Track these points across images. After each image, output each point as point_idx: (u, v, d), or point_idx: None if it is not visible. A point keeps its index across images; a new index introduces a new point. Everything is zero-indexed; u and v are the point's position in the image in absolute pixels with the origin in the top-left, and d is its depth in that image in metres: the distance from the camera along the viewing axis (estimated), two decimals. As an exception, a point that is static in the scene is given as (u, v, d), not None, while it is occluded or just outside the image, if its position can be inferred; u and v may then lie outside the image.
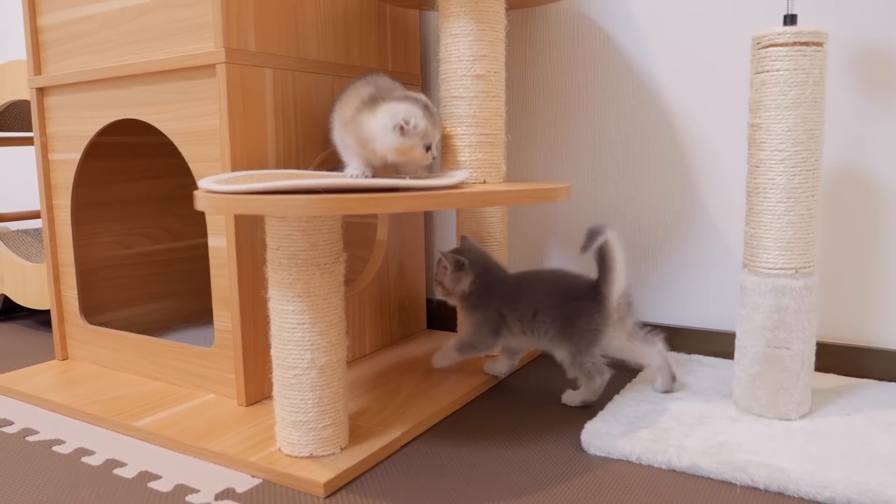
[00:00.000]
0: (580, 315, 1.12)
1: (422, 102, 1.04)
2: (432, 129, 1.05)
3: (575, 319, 1.12)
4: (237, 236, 1.11)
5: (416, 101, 1.04)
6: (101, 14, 1.24)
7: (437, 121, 1.07)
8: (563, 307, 1.13)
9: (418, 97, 1.05)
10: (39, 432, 1.10)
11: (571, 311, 1.12)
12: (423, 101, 1.05)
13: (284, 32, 1.17)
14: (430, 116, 1.04)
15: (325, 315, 0.93)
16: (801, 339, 1.03)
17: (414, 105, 1.03)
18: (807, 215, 1.01)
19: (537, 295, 1.16)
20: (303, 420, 0.94)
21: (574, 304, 1.13)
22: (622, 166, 1.40)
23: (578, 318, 1.12)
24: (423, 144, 1.04)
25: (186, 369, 1.23)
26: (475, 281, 1.19)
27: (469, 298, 1.20)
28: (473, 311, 1.20)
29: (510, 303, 1.17)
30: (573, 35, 1.41)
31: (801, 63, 0.98)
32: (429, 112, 1.04)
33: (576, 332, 1.12)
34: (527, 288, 1.17)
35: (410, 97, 1.04)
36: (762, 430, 1.00)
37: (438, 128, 1.07)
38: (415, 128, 1.02)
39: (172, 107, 1.16)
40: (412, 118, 1.02)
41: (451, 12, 1.13)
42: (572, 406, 1.16)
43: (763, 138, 1.01)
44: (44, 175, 1.39)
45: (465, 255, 1.19)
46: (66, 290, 1.41)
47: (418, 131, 1.02)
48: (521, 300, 1.16)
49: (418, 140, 1.03)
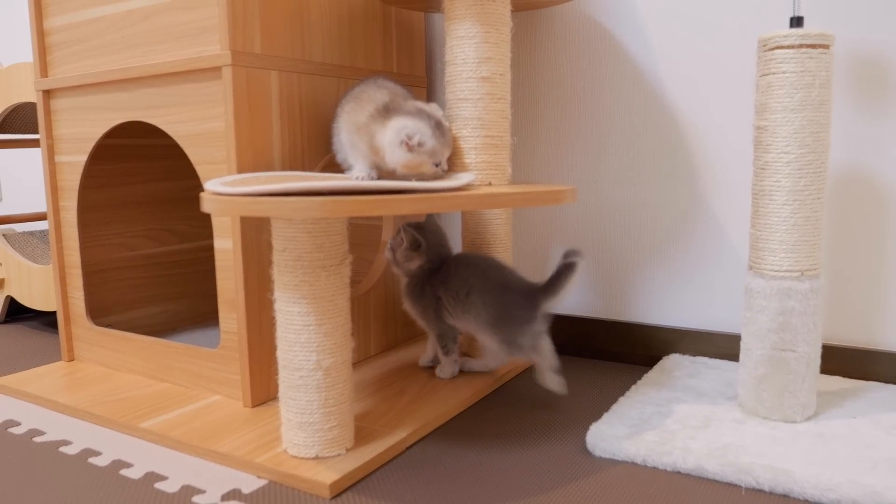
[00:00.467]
0: (517, 306, 1.15)
1: (433, 119, 1.04)
2: (441, 147, 1.05)
3: (512, 308, 1.15)
4: (243, 238, 1.11)
5: (428, 116, 1.04)
6: (107, 17, 1.24)
7: (448, 137, 1.07)
8: (500, 295, 1.16)
9: (431, 112, 1.05)
10: (46, 433, 1.11)
11: (508, 301, 1.16)
12: (435, 118, 1.05)
13: (290, 35, 1.17)
14: (440, 133, 1.04)
15: (331, 317, 0.93)
16: (807, 342, 1.02)
17: (424, 122, 1.03)
18: (813, 218, 1.01)
19: (471, 277, 1.18)
20: (308, 421, 0.94)
21: (510, 295, 1.16)
22: (627, 168, 1.40)
23: (516, 308, 1.15)
24: (431, 162, 1.05)
25: (192, 371, 1.23)
26: (423, 265, 1.22)
27: (413, 279, 1.24)
28: (415, 300, 1.24)
29: (444, 283, 1.20)
30: (578, 37, 1.42)
31: (808, 65, 0.98)
32: (440, 129, 1.05)
33: (511, 321, 1.15)
34: (462, 270, 1.20)
35: (423, 112, 1.04)
36: (767, 432, 1.00)
37: (448, 144, 1.08)
38: (421, 145, 1.02)
39: (178, 109, 1.16)
40: (420, 135, 1.02)
41: (457, 15, 1.14)
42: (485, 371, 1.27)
43: (769, 140, 1.01)
44: (50, 177, 1.39)
45: (425, 235, 1.22)
46: (73, 292, 1.41)
47: (426, 149, 1.03)
48: (455, 280, 1.19)
49: (427, 157, 1.04)
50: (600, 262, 1.45)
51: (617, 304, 1.44)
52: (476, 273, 1.18)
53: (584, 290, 1.48)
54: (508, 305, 1.15)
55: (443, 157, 1.06)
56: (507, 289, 1.16)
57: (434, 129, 1.04)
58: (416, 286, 1.24)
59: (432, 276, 1.22)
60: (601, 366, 1.39)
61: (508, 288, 1.16)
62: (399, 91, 1.09)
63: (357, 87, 1.12)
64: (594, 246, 1.45)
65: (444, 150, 1.07)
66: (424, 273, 1.23)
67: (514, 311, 1.15)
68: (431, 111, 1.06)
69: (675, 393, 1.16)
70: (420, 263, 1.22)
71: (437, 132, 1.04)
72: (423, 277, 1.23)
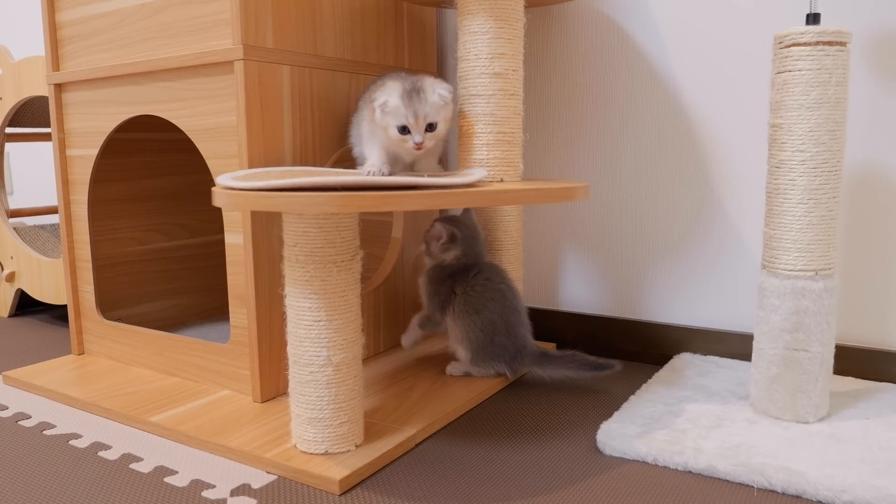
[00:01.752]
0: (503, 350, 1.21)
1: (411, 84, 1.00)
2: (406, 110, 1.00)
3: (499, 349, 1.20)
4: (254, 233, 1.11)
5: (407, 81, 1.01)
6: (119, 10, 1.24)
7: (422, 105, 1.01)
8: (497, 332, 1.20)
9: (417, 79, 1.02)
10: (56, 426, 1.11)
11: (501, 342, 1.20)
12: (416, 84, 1.01)
13: (302, 29, 1.17)
14: (408, 97, 1.00)
15: (342, 312, 0.93)
16: (821, 342, 1.02)
17: (397, 84, 1.00)
18: (828, 217, 1.00)
19: (490, 302, 1.20)
20: (318, 417, 0.94)
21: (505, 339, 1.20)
22: (640, 165, 1.39)
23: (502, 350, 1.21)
24: (394, 124, 1.01)
25: (202, 365, 1.23)
26: (458, 257, 1.23)
27: (444, 269, 1.24)
28: (433, 284, 1.25)
29: (466, 288, 1.21)
30: (591, 33, 1.41)
31: (824, 63, 0.97)
32: (414, 94, 1.00)
33: (489, 356, 1.21)
34: (488, 290, 1.20)
35: (407, 78, 1.02)
36: (780, 432, 0.99)
37: (420, 113, 1.01)
38: (384, 105, 1.00)
39: (190, 103, 1.16)
40: (384, 95, 0.99)
41: (470, 10, 1.13)
42: (457, 375, 1.26)
43: (784, 139, 1.00)
44: (61, 171, 1.39)
45: (460, 228, 1.22)
46: (83, 286, 1.42)
47: (388, 109, 1.00)
48: (476, 293, 1.20)
49: (391, 119, 1.00)
50: (611, 260, 1.44)
51: (628, 302, 1.44)
52: (496, 300, 1.20)
53: (595, 289, 1.47)
54: (497, 345, 1.20)
55: (410, 122, 1.01)
56: (508, 333, 1.20)
57: (404, 91, 1.00)
58: (442, 272, 1.24)
59: (459, 273, 1.22)
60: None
61: (509, 332, 1.20)
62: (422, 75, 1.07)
63: (381, 79, 1.11)
64: (605, 243, 1.45)
65: (411, 116, 1.00)
66: (455, 265, 1.23)
67: (496, 353, 1.21)
68: (422, 81, 1.02)
69: (686, 392, 1.15)
70: (456, 254, 1.23)
71: (407, 95, 1.00)
72: (451, 268, 1.23)
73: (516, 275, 1.34)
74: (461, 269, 1.23)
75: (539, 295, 1.54)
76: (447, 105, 1.04)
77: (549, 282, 1.52)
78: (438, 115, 1.03)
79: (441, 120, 1.04)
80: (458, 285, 1.21)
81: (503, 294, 1.21)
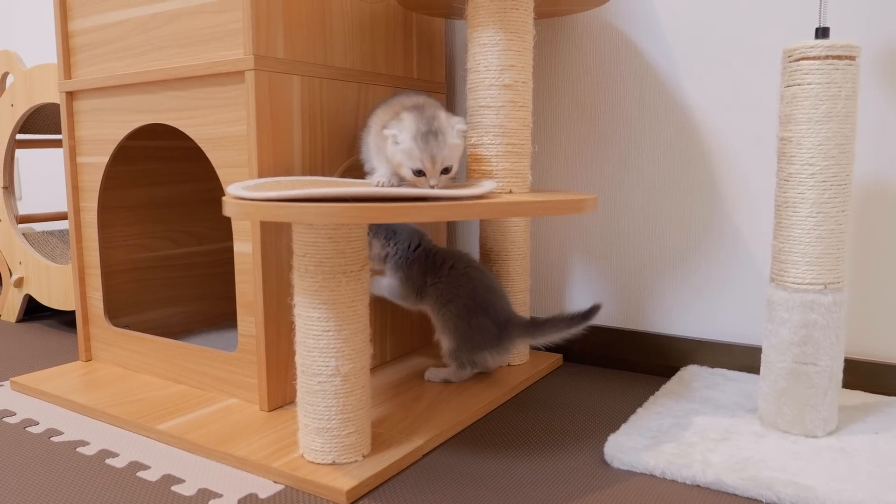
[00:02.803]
0: (484, 331, 1.21)
1: (429, 124, 0.96)
2: (422, 154, 0.95)
3: (477, 332, 1.21)
4: (263, 242, 1.11)
5: (425, 120, 0.96)
6: (131, 19, 1.25)
7: (439, 150, 0.95)
8: (476, 316, 1.21)
9: (436, 119, 0.97)
10: (64, 433, 1.11)
11: (479, 323, 1.21)
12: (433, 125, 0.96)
13: (312, 40, 1.18)
14: (425, 141, 0.95)
15: (351, 322, 0.93)
16: (829, 356, 1.01)
17: (414, 121, 0.96)
18: (837, 230, 1.00)
19: (460, 288, 1.21)
20: (326, 427, 0.94)
21: (483, 319, 1.20)
22: (647, 178, 1.39)
23: (482, 332, 1.21)
24: (409, 166, 0.96)
25: (209, 373, 1.23)
26: (403, 245, 1.26)
27: (406, 262, 1.26)
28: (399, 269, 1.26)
29: (435, 277, 1.23)
30: (599, 45, 1.41)
31: (834, 77, 0.97)
32: (431, 137, 0.95)
33: (471, 343, 1.21)
34: (457, 277, 1.22)
35: (424, 115, 0.97)
36: (788, 446, 0.99)
37: (437, 157, 0.95)
38: (396, 143, 0.97)
39: (201, 112, 1.17)
40: (400, 132, 0.96)
41: (480, 22, 1.13)
42: (435, 382, 1.27)
43: (793, 152, 1.00)
44: (71, 178, 1.40)
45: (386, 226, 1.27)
46: (91, 292, 1.42)
47: (400, 148, 0.96)
48: (445, 281, 1.22)
49: (404, 158, 0.96)
50: (619, 272, 1.44)
51: (635, 313, 1.44)
52: (463, 285, 1.22)
53: (602, 300, 1.47)
54: (476, 328, 1.21)
55: (427, 166, 0.95)
56: (485, 311, 1.21)
57: (419, 133, 0.95)
58: (405, 264, 1.26)
59: (427, 266, 1.25)
60: (618, 375, 1.38)
61: (486, 311, 1.21)
62: (434, 102, 1.06)
63: (393, 99, 1.11)
64: (613, 254, 1.45)
65: (428, 161, 0.95)
66: (413, 252, 1.26)
67: (478, 336, 1.21)
68: (439, 119, 0.97)
69: (693, 405, 1.15)
70: (397, 245, 1.25)
71: (423, 138, 0.95)
72: (411, 260, 1.25)
73: (523, 285, 1.34)
74: (426, 262, 1.25)
75: (547, 305, 1.54)
76: (462, 143, 1.00)
77: (557, 292, 1.52)
78: (454, 156, 0.98)
79: (456, 161, 0.99)
80: (428, 277, 1.24)
81: (469, 276, 1.22)
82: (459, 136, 0.99)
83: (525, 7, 1.13)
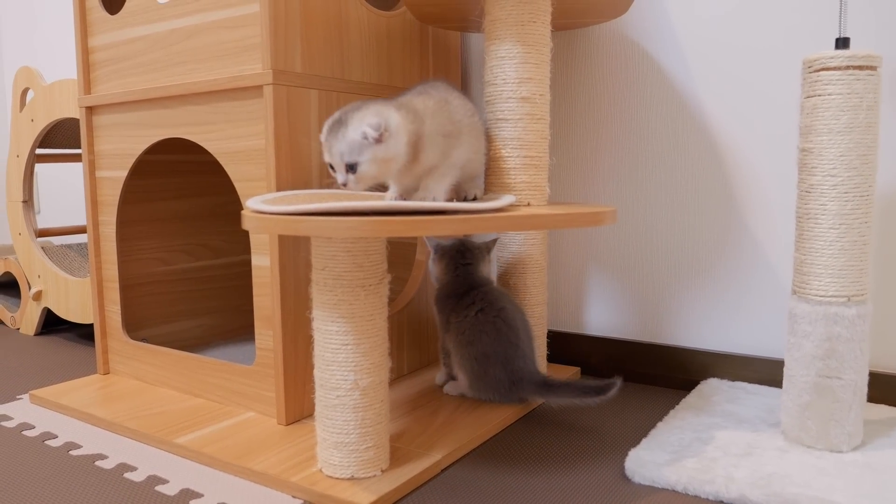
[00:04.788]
0: (498, 383, 1.19)
1: (350, 108, 0.90)
2: (324, 144, 0.90)
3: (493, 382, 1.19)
4: (281, 256, 1.11)
5: (350, 108, 0.91)
6: (150, 35, 1.26)
7: (338, 139, 0.89)
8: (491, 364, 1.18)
9: (359, 105, 0.91)
10: (83, 446, 1.12)
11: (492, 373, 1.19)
12: (349, 110, 0.90)
13: (329, 54, 1.18)
14: (330, 128, 0.90)
15: (369, 336, 0.93)
16: (854, 369, 1.00)
17: (346, 106, 0.92)
18: (860, 242, 0.99)
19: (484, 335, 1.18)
20: (344, 441, 0.93)
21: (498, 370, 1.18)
22: (665, 189, 1.38)
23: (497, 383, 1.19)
24: (325, 159, 0.91)
25: (227, 387, 1.23)
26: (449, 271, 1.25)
27: (443, 289, 1.25)
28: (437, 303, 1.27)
29: (458, 316, 1.21)
30: (616, 56, 1.41)
31: (855, 87, 0.96)
32: (335, 122, 0.90)
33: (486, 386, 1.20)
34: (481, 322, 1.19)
35: (370, 105, 0.91)
36: (813, 462, 0.97)
37: (337, 147, 0.89)
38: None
39: (219, 126, 1.17)
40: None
41: (497, 35, 1.13)
42: (453, 395, 1.27)
43: (814, 163, 0.99)
44: (91, 192, 1.41)
45: (456, 247, 1.25)
46: (110, 306, 1.43)
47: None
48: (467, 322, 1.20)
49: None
50: (637, 284, 1.43)
51: (654, 326, 1.42)
52: (489, 333, 1.18)
53: (621, 312, 1.46)
54: (490, 377, 1.19)
55: (327, 158, 0.90)
56: (503, 366, 1.18)
57: (331, 122, 0.90)
58: (441, 292, 1.26)
59: (456, 297, 1.23)
60: (637, 389, 1.37)
61: (504, 366, 1.18)
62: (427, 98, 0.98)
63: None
64: (631, 266, 1.44)
65: (327, 153, 0.90)
66: (452, 284, 1.24)
67: (492, 385, 1.20)
68: (359, 112, 0.89)
69: (714, 419, 1.14)
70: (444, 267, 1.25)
71: (329, 127, 0.90)
72: (448, 289, 1.24)
73: (540, 298, 1.34)
74: (459, 293, 1.23)
75: (564, 318, 1.53)
76: (378, 145, 0.88)
77: (575, 305, 1.51)
78: (361, 155, 0.88)
79: (365, 161, 0.88)
80: (453, 313, 1.22)
81: (497, 327, 1.18)
82: (365, 135, 0.87)
83: (542, 20, 1.13)
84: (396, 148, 0.90)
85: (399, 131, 0.90)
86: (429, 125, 0.94)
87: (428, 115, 0.95)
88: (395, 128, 0.89)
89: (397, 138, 0.90)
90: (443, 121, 0.97)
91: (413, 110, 0.93)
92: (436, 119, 0.95)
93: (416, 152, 0.93)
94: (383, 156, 0.89)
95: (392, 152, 0.90)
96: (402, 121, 0.91)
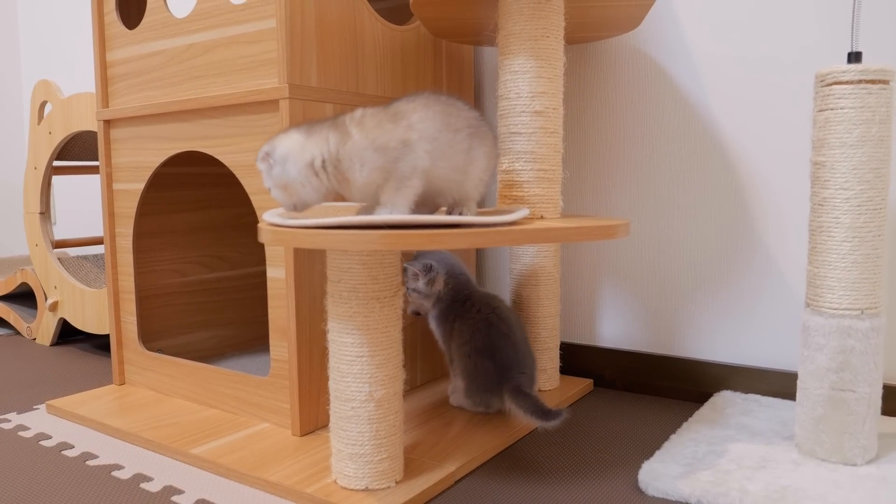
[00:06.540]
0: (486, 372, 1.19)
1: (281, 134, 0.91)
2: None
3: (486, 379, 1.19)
4: (296, 268, 1.12)
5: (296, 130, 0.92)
6: (168, 50, 1.28)
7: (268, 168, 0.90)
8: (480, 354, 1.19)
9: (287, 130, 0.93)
10: (99, 457, 1.13)
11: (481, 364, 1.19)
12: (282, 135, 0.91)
13: (345, 68, 1.19)
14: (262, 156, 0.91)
15: (384, 348, 0.93)
16: (868, 382, 1.00)
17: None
18: (873, 255, 0.99)
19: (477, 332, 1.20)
20: (359, 453, 0.94)
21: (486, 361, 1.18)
22: (678, 202, 1.39)
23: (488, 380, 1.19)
24: None
25: (242, 398, 1.24)
26: (448, 284, 1.24)
27: (443, 304, 1.25)
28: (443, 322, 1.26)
29: (462, 322, 1.22)
30: (629, 70, 1.42)
31: (867, 101, 0.97)
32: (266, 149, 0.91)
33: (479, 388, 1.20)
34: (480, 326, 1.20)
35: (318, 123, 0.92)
36: (827, 475, 0.97)
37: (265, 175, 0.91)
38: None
39: (236, 140, 1.19)
40: None
41: (511, 50, 1.15)
42: (456, 406, 1.28)
43: (827, 176, 1.00)
44: (108, 204, 1.43)
45: (435, 261, 1.25)
46: (126, 317, 1.44)
47: None
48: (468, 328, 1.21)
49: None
50: (650, 296, 1.44)
51: (667, 338, 1.43)
52: (483, 331, 1.20)
53: (633, 324, 1.46)
54: (480, 369, 1.19)
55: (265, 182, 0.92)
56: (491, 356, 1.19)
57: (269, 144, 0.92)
58: (445, 309, 1.25)
59: (458, 307, 1.23)
60: (650, 401, 1.37)
61: (492, 355, 1.19)
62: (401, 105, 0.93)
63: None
64: (644, 279, 1.44)
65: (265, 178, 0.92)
66: (452, 297, 1.24)
67: (481, 377, 1.20)
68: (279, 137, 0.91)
69: (728, 431, 1.13)
70: (443, 281, 1.24)
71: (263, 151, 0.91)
72: (448, 302, 1.24)
73: (553, 309, 1.34)
74: (458, 303, 1.23)
75: (577, 331, 1.53)
76: (274, 170, 0.90)
77: (587, 317, 1.51)
78: (266, 181, 0.92)
79: (270, 186, 0.91)
80: (458, 318, 1.23)
81: (489, 322, 1.20)
82: (259, 163, 0.91)
83: (556, 35, 1.15)
84: (291, 173, 0.89)
85: (288, 157, 0.89)
86: (357, 141, 0.89)
87: (357, 132, 0.90)
88: (281, 155, 0.89)
89: (287, 164, 0.89)
90: (378, 134, 0.90)
91: (329, 131, 0.90)
92: (370, 134, 0.90)
93: (339, 171, 0.90)
94: (282, 181, 0.90)
95: (288, 177, 0.89)
96: (294, 146, 0.89)
